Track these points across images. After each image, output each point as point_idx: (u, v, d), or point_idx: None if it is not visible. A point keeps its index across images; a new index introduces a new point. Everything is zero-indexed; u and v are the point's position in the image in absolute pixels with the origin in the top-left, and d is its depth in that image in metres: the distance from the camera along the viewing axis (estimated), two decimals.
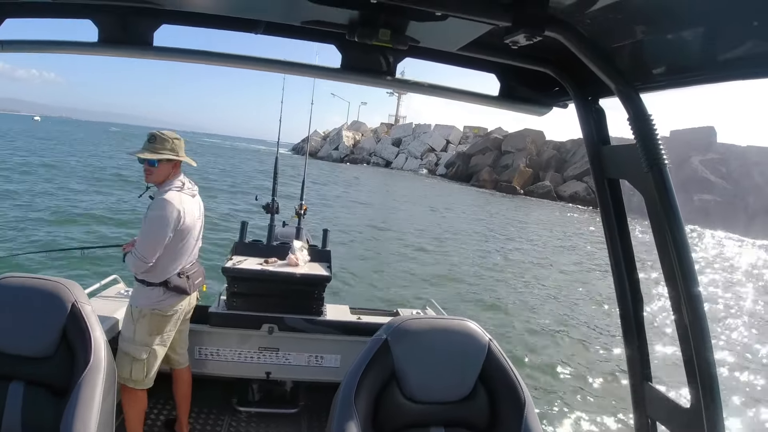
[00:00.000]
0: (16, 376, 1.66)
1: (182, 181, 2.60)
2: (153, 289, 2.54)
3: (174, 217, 2.45)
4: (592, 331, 8.53)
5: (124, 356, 2.53)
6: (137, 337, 2.53)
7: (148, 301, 2.53)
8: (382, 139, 70.82)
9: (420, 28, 1.18)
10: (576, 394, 6.01)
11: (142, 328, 2.53)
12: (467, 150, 54.46)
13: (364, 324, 3.20)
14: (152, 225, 2.47)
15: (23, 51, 1.38)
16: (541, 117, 1.61)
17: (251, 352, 3.18)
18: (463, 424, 1.61)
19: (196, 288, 2.72)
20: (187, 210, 2.52)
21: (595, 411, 5.61)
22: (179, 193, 2.54)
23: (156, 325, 2.55)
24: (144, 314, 2.53)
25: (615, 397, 5.96)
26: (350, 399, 1.51)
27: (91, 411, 1.57)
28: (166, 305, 2.56)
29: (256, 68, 1.46)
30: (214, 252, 8.47)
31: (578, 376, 6.51)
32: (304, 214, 4.03)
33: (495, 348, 1.65)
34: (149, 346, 2.55)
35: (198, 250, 2.75)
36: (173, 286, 2.56)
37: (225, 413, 3.23)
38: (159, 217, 2.45)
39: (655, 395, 1.25)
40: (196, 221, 2.63)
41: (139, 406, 2.60)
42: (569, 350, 7.48)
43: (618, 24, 1.06)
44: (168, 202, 2.46)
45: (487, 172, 47.23)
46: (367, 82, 1.45)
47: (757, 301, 12.80)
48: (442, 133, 63.51)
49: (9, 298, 1.70)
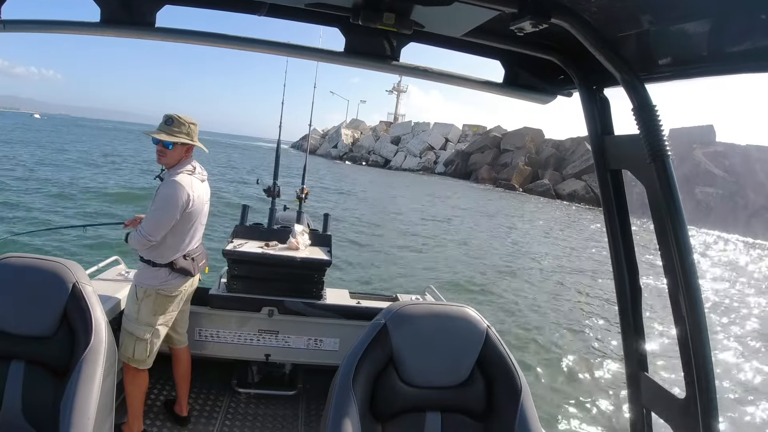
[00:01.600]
0: (17, 355, 1.66)
1: (193, 165, 2.62)
2: (159, 270, 2.56)
3: (183, 199, 2.47)
4: (590, 321, 8.59)
5: (128, 336, 2.55)
6: (141, 317, 2.55)
7: (155, 282, 2.55)
8: (381, 137, 70.70)
9: (425, 12, 1.17)
10: (571, 382, 6.05)
11: (146, 308, 2.55)
12: (466, 148, 54.42)
13: (363, 308, 3.21)
14: (161, 205, 2.49)
15: (24, 30, 1.37)
16: (544, 105, 1.61)
17: (251, 334, 3.19)
18: (459, 409, 1.61)
19: (199, 270, 2.75)
20: (196, 194, 2.54)
21: (591, 399, 5.65)
22: (190, 176, 2.57)
23: (160, 305, 2.57)
24: (149, 294, 2.55)
25: (610, 386, 6.00)
26: (348, 382, 1.51)
27: (92, 391, 1.57)
28: (171, 286, 2.59)
29: (258, 50, 1.44)
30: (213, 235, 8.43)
31: (574, 365, 6.56)
32: (306, 198, 4.03)
33: (493, 335, 1.65)
34: (152, 326, 2.57)
35: (202, 233, 2.77)
36: (179, 267, 2.58)
37: (224, 394, 3.26)
38: (168, 198, 2.47)
39: (651, 385, 1.25)
40: (204, 205, 2.66)
41: (141, 386, 2.63)
42: (566, 338, 7.53)
43: (625, 13, 1.05)
44: (179, 184, 2.48)
45: (486, 171, 47.26)
46: (371, 66, 1.43)
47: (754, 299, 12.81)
48: (441, 132, 63.42)
49: (10, 277, 1.70)
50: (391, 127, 73.73)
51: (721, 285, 14.03)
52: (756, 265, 19.77)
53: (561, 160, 45.35)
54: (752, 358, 7.72)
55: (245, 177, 26.86)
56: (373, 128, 76.83)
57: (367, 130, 76.39)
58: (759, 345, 8.50)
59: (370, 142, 71.00)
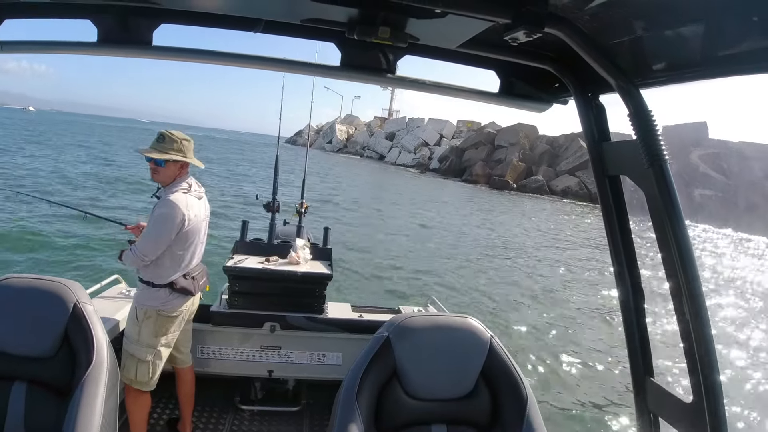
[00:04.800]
0: (19, 376, 1.66)
1: (189, 182, 2.58)
2: (159, 291, 2.52)
3: (179, 219, 2.43)
4: (594, 327, 8.57)
5: (129, 358, 2.51)
6: (142, 339, 2.51)
7: (154, 303, 2.51)
8: (376, 133, 70.65)
9: (420, 25, 1.17)
10: (577, 390, 6.02)
11: (147, 330, 2.51)
12: (460, 144, 54.39)
13: (365, 322, 3.19)
14: (156, 225, 2.45)
15: (23, 51, 1.38)
16: (540, 114, 1.62)
17: (253, 350, 3.18)
18: (465, 421, 1.60)
19: (200, 288, 2.72)
20: (192, 213, 2.50)
21: (597, 406, 5.62)
22: (186, 195, 2.52)
23: (161, 327, 2.53)
24: (149, 315, 2.51)
25: (617, 391, 5.97)
26: (352, 397, 1.50)
27: (94, 411, 1.56)
28: (172, 306, 2.55)
29: (255, 67, 1.45)
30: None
31: (580, 371, 6.54)
32: (305, 212, 4.02)
33: (497, 345, 1.65)
34: (154, 347, 2.53)
35: (202, 251, 2.74)
36: (179, 287, 2.54)
37: (228, 412, 3.24)
38: (164, 218, 2.43)
39: (657, 390, 1.25)
40: (201, 223, 2.62)
41: (143, 407, 2.59)
42: (570, 346, 7.50)
43: (618, 20, 1.06)
44: (174, 204, 2.44)
45: (481, 167, 47.26)
46: (367, 80, 1.45)
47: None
48: (436, 128, 63.39)
49: (11, 298, 1.70)
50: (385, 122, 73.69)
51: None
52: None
53: (554, 157, 45.49)
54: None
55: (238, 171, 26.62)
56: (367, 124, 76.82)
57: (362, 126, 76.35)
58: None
59: (364, 138, 70.94)
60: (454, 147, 55.27)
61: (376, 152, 66.08)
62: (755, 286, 14.57)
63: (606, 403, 5.71)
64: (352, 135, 73.38)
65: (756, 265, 18.97)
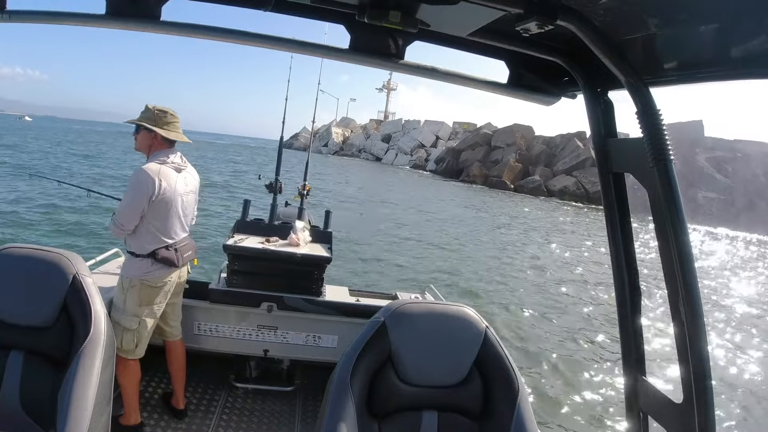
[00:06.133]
0: (16, 345, 1.67)
1: (169, 156, 2.62)
2: (141, 260, 2.57)
3: (149, 186, 2.48)
4: (588, 324, 8.59)
5: (115, 326, 2.54)
6: (127, 307, 2.57)
7: (137, 272, 2.57)
8: (372, 135, 70.69)
9: (431, 11, 1.17)
10: (569, 386, 6.05)
11: (131, 298, 2.56)
12: (457, 145, 54.47)
13: (362, 306, 3.21)
14: (128, 191, 2.52)
15: (29, 21, 1.36)
16: (548, 107, 1.61)
17: (250, 329, 3.19)
18: (456, 409, 1.60)
19: (185, 261, 2.75)
20: (166, 183, 2.54)
21: (588, 403, 5.65)
22: (160, 165, 2.57)
23: (145, 296, 2.58)
24: (133, 284, 2.56)
25: (608, 390, 6.00)
26: (346, 379, 1.51)
27: (90, 382, 1.57)
28: (155, 276, 2.60)
29: (263, 46, 1.43)
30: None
31: (572, 368, 6.55)
32: (307, 194, 4.02)
33: (491, 335, 1.65)
34: (139, 316, 2.58)
35: (188, 224, 2.79)
36: (161, 257, 2.59)
37: (222, 389, 3.28)
38: (134, 185, 2.50)
39: (649, 390, 1.26)
40: (179, 195, 2.64)
41: (132, 376, 2.62)
42: (564, 342, 7.51)
43: (631, 16, 1.05)
44: (144, 172, 2.50)
45: (477, 168, 47.33)
46: (376, 64, 1.43)
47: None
48: (432, 129, 63.52)
49: (11, 267, 1.71)
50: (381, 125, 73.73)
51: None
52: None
53: (551, 157, 45.58)
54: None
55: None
56: (363, 126, 76.85)
57: (358, 128, 76.37)
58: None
59: (360, 140, 70.97)
60: (451, 148, 55.35)
61: (372, 154, 66.09)
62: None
63: (597, 400, 5.74)
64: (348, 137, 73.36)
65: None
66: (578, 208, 34.36)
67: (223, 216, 13.07)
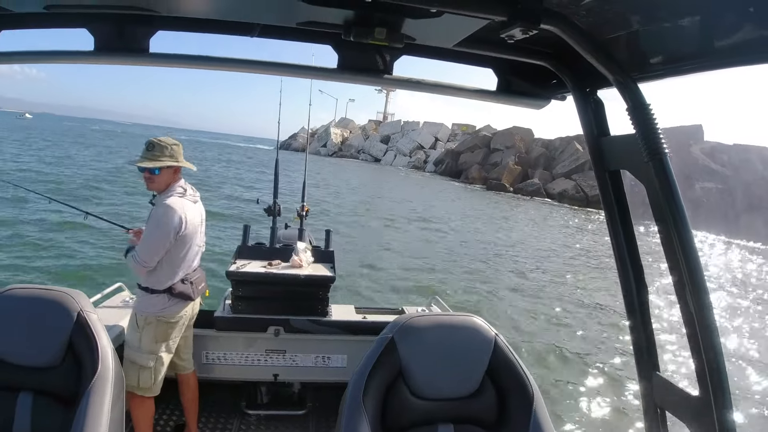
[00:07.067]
0: (25, 386, 1.66)
1: (183, 186, 2.60)
2: (158, 297, 2.53)
3: (176, 222, 2.45)
4: (599, 322, 8.53)
5: (131, 365, 2.52)
6: (143, 345, 2.53)
7: (154, 309, 2.53)
8: (371, 136, 70.57)
9: (415, 25, 1.18)
10: (584, 386, 6.01)
11: (147, 336, 2.53)
12: (456, 147, 54.39)
13: (369, 323, 3.20)
14: (154, 230, 2.47)
15: (20, 62, 1.39)
16: (539, 110, 1.62)
17: (258, 354, 3.19)
18: (471, 420, 1.60)
19: (199, 293, 2.73)
20: (189, 216, 2.52)
21: (605, 401, 5.61)
22: (181, 198, 2.54)
23: (162, 332, 2.55)
24: (149, 322, 2.52)
25: (624, 386, 5.97)
26: (359, 398, 1.51)
27: (101, 420, 1.56)
28: (172, 312, 2.56)
29: (252, 71, 1.47)
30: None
31: (585, 367, 6.50)
32: (306, 215, 4.03)
33: (502, 343, 1.65)
34: (155, 353, 2.55)
35: (200, 255, 2.76)
36: (178, 292, 2.55)
37: (234, 417, 3.25)
38: (161, 223, 2.44)
39: (663, 384, 1.26)
40: (198, 227, 2.64)
41: (147, 413, 2.60)
42: (576, 342, 7.44)
43: (614, 15, 1.06)
44: (170, 208, 2.46)
45: (477, 170, 47.25)
46: (365, 81, 1.45)
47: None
48: (431, 131, 63.42)
49: (15, 308, 1.70)
50: (380, 126, 73.55)
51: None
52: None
53: (551, 160, 45.44)
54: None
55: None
56: (362, 127, 76.67)
57: (357, 129, 76.21)
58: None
59: (359, 141, 70.83)
60: (450, 150, 55.29)
61: (371, 155, 65.99)
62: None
63: (613, 397, 5.70)
64: (347, 138, 73.19)
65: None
66: (578, 210, 34.26)
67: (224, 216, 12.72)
